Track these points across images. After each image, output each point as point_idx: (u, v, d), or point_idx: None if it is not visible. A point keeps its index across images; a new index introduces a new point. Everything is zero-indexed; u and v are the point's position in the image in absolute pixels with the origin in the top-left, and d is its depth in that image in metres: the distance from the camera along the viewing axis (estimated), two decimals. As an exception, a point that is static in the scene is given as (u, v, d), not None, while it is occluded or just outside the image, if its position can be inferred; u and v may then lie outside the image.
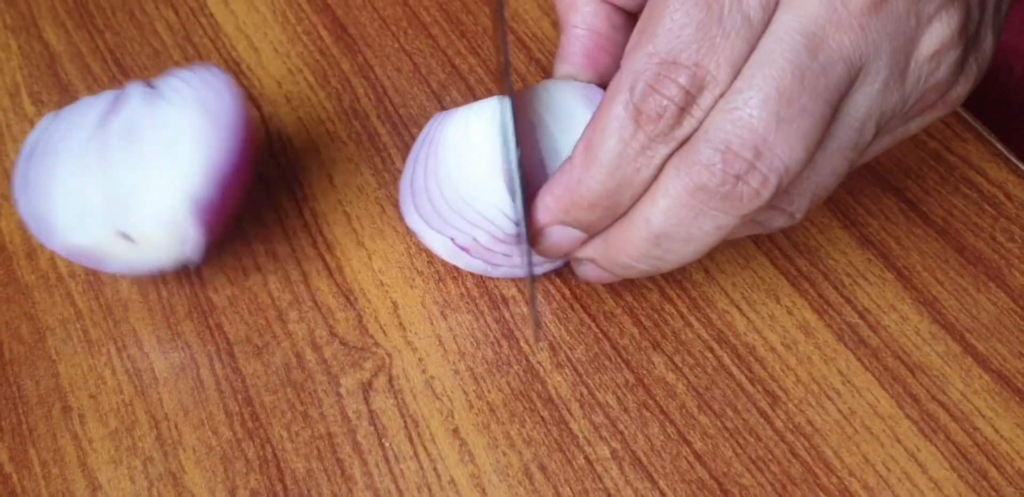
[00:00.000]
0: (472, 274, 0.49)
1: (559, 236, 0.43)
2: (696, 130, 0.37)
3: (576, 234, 0.42)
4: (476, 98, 0.56)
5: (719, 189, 0.36)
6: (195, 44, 0.60)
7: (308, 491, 0.44)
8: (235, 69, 0.58)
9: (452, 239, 0.46)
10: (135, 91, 0.47)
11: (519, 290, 0.49)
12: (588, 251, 0.43)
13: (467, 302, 0.49)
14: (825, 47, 0.36)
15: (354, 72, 0.58)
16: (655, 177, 0.38)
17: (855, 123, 0.37)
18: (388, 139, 0.55)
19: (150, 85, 0.47)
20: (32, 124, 0.57)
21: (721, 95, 0.36)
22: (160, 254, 0.46)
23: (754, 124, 0.35)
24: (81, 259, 0.47)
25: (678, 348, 0.47)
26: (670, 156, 0.38)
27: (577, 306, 0.48)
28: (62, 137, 0.47)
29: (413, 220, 0.47)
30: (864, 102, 0.37)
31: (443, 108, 0.56)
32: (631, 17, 0.45)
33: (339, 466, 0.45)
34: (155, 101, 0.46)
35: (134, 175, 0.45)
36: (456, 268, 0.49)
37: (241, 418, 0.46)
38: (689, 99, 0.36)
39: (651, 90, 0.36)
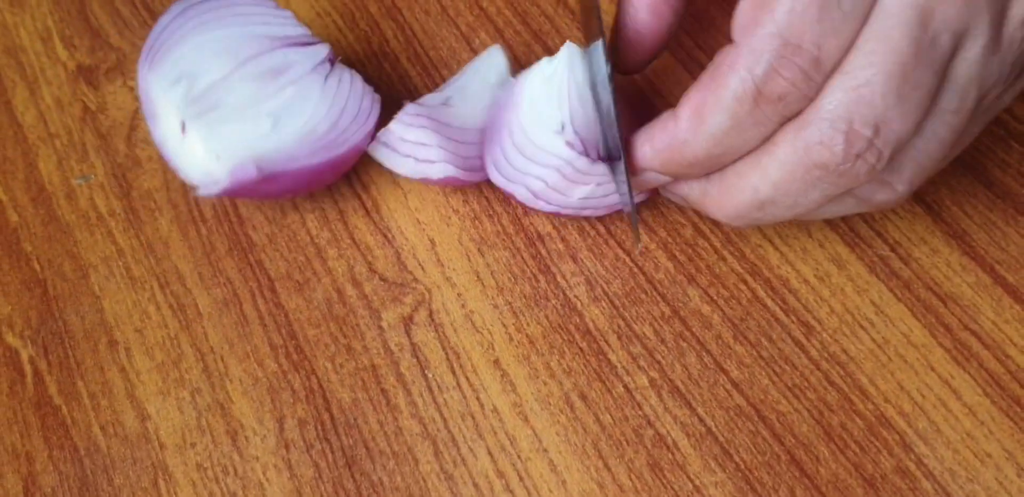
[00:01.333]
0: (507, 211, 0.50)
1: (653, 178, 0.43)
2: (808, 106, 0.37)
3: (668, 180, 0.43)
4: (505, 40, 0.57)
5: (838, 167, 0.37)
6: (224, -12, 0.60)
7: (355, 420, 0.45)
8: (264, 13, 0.59)
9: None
10: (320, 52, 0.48)
11: (554, 227, 0.50)
12: (679, 200, 0.44)
13: (503, 239, 0.50)
14: (934, 19, 0.36)
15: (382, 14, 0.59)
16: (761, 143, 0.39)
17: (957, 88, 0.37)
18: (419, 81, 0.56)
19: (331, 61, 0.48)
20: (65, 69, 0.57)
21: (835, 70, 0.37)
22: (188, 165, 0.46)
23: (876, 101, 0.36)
24: (146, 104, 0.47)
25: (713, 281, 0.48)
26: (777, 128, 0.38)
27: (612, 242, 0.49)
28: (231, 17, 0.47)
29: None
30: (965, 68, 0.37)
31: (472, 50, 0.56)
32: None
33: (384, 396, 0.45)
34: (320, 76, 0.47)
35: (242, 99, 0.46)
36: (490, 205, 0.50)
37: (286, 351, 0.47)
38: (809, 81, 0.37)
39: (775, 73, 0.37)
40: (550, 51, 0.55)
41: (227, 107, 0.45)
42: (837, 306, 0.47)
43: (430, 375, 0.46)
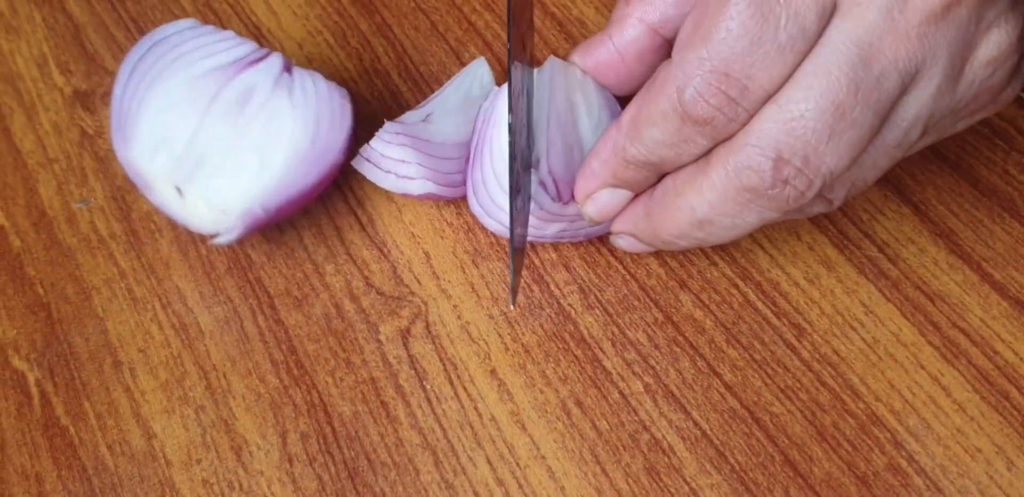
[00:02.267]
0: (500, 223, 0.51)
1: (607, 199, 0.44)
2: (740, 130, 0.38)
3: (623, 194, 0.44)
4: (494, 53, 0.57)
5: (767, 191, 0.38)
6: (215, 10, 0.61)
7: (356, 432, 0.46)
8: (256, 33, 0.60)
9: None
10: (274, 64, 0.48)
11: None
12: (629, 226, 0.44)
13: (497, 250, 0.50)
14: (880, 58, 0.36)
15: (373, 32, 0.59)
16: (696, 159, 0.40)
17: (903, 124, 0.38)
18: (410, 96, 0.56)
19: (288, 68, 0.48)
20: (62, 94, 0.58)
21: (767, 100, 0.37)
22: (198, 222, 0.47)
23: (808, 136, 0.36)
24: (135, 178, 0.48)
25: (704, 286, 0.48)
26: (712, 146, 0.39)
27: (604, 250, 0.50)
28: (175, 62, 0.47)
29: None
30: (914, 105, 0.38)
31: (462, 64, 0.57)
32: (668, 44, 0.45)
33: (384, 408, 0.46)
34: (284, 90, 0.47)
35: (223, 144, 0.46)
36: (485, 217, 0.51)
37: (287, 366, 0.48)
38: (736, 108, 0.37)
39: (699, 97, 0.37)
40: (539, 63, 0.56)
41: (212, 158, 0.46)
42: (827, 307, 0.47)
43: (428, 386, 0.47)
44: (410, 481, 0.44)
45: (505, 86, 0.48)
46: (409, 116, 0.49)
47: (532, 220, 0.46)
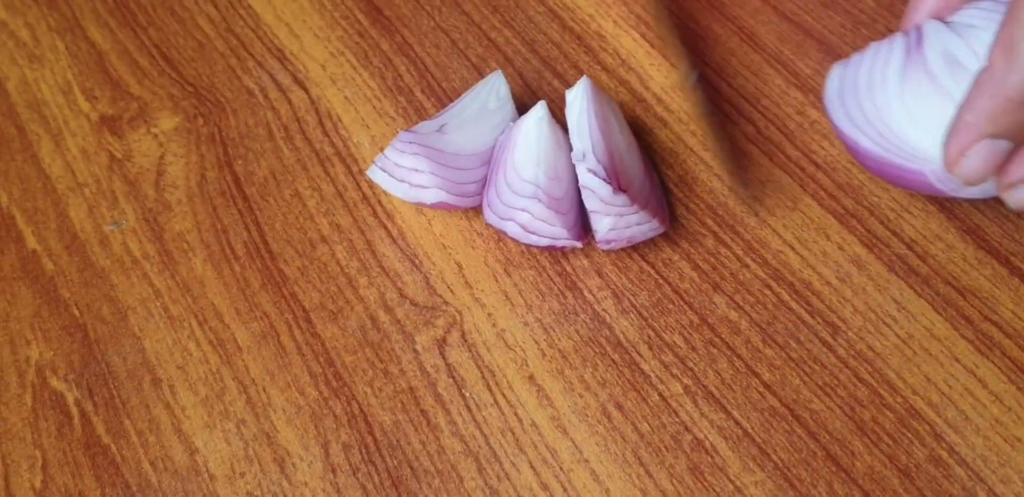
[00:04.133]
0: (530, 232, 0.51)
1: (984, 152, 0.41)
2: None
3: (1003, 146, 0.41)
4: (515, 68, 0.58)
5: None
6: (237, 34, 0.62)
7: (397, 441, 0.46)
8: (279, 55, 0.61)
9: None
10: (934, 26, 0.47)
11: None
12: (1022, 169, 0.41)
13: (528, 258, 0.51)
14: None
15: (394, 51, 0.60)
16: None
17: None
18: (434, 111, 0.57)
19: (944, 21, 0.47)
20: (88, 120, 0.59)
21: None
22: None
23: None
24: (946, 182, 0.46)
25: (737, 288, 0.49)
26: None
27: (635, 255, 0.50)
28: (875, 74, 0.48)
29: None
30: None
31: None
32: None
33: (424, 417, 0.47)
34: (964, 30, 0.46)
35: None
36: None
37: (325, 378, 0.48)
38: None
39: None
40: (560, 76, 0.57)
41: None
42: (860, 305, 0.48)
43: (467, 394, 0.47)
44: (454, 488, 0.45)
45: (520, 119, 0.50)
46: (424, 126, 0.50)
47: (543, 211, 0.47)
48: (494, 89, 0.52)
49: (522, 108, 0.53)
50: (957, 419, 0.44)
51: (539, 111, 0.48)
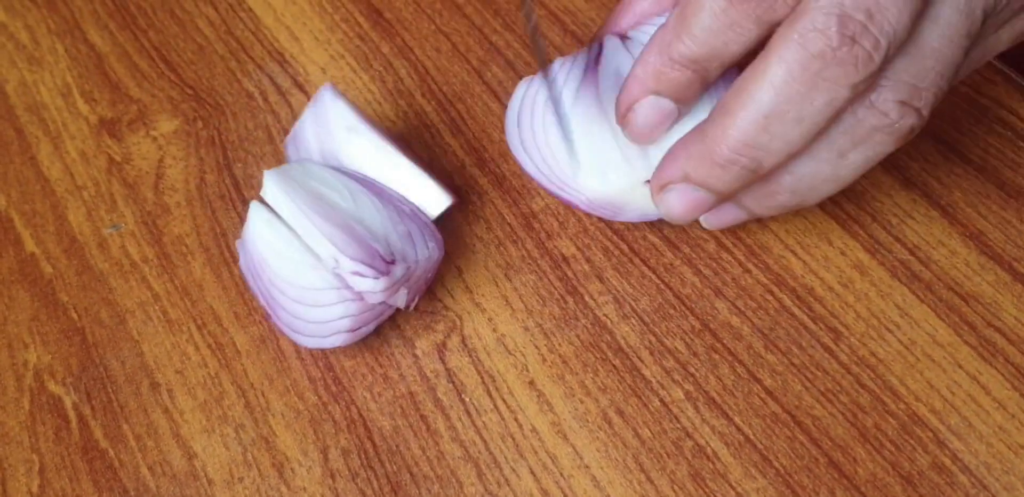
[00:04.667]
0: (531, 237, 0.51)
1: (648, 109, 0.43)
2: (790, 9, 0.38)
3: (666, 105, 0.43)
4: (516, 72, 0.58)
5: (835, 53, 0.36)
6: (237, 37, 0.62)
7: (397, 446, 0.46)
8: (279, 59, 0.60)
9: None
10: (612, 43, 0.48)
11: (578, 249, 0.51)
12: (680, 161, 0.42)
13: (528, 263, 0.51)
14: None
15: (394, 54, 0.60)
16: (743, 52, 0.40)
17: (961, 5, 0.38)
18: (435, 116, 0.57)
19: (623, 37, 0.48)
20: (88, 123, 0.59)
21: None
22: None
23: None
24: (597, 209, 0.49)
25: (739, 293, 0.49)
26: (760, 37, 0.39)
27: (637, 260, 0.50)
28: (547, 97, 0.48)
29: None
30: None
31: (485, 83, 0.58)
32: None
33: (423, 422, 0.46)
34: (638, 48, 0.47)
35: None
36: (514, 231, 0.51)
37: (324, 383, 0.48)
38: None
39: None
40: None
41: None
42: (862, 311, 0.47)
43: (467, 399, 0.47)
44: (454, 493, 0.44)
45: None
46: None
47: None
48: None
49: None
50: (960, 426, 0.44)
51: (260, 213, 0.47)
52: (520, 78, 0.55)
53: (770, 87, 0.38)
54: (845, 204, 0.51)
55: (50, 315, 0.51)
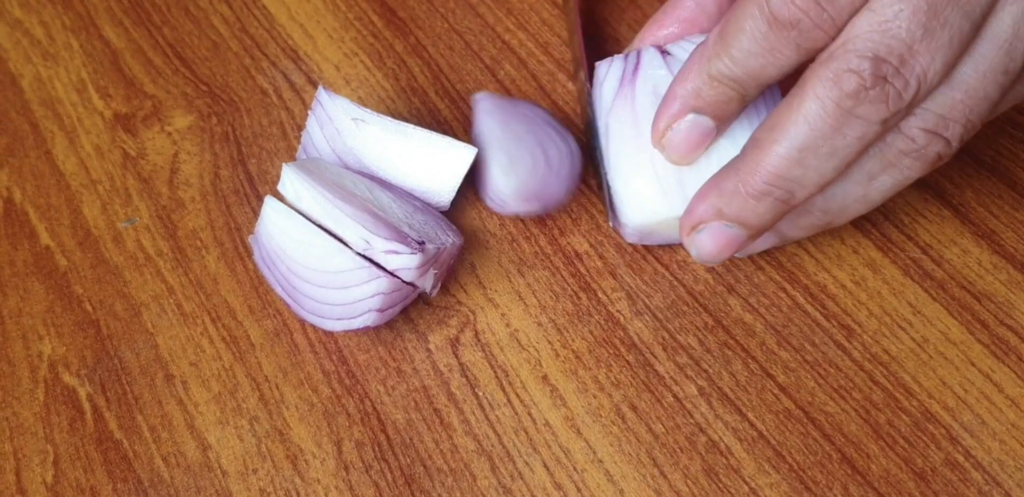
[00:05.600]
0: (544, 233, 0.51)
1: (687, 127, 0.44)
2: (830, 42, 0.38)
3: (705, 124, 0.43)
4: (529, 70, 0.58)
5: (868, 93, 0.37)
6: (251, 35, 0.62)
7: (410, 439, 0.46)
8: (293, 56, 0.61)
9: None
10: (650, 57, 0.48)
11: (591, 245, 0.51)
12: (712, 198, 0.42)
13: (542, 259, 0.51)
14: None
15: (408, 53, 0.60)
16: (782, 76, 0.40)
17: (1002, 43, 0.38)
18: (448, 113, 0.57)
19: (664, 51, 0.48)
20: (103, 118, 0.59)
21: (852, 11, 0.38)
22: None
23: (903, 35, 0.37)
24: (633, 237, 0.50)
25: (752, 290, 0.49)
26: (798, 62, 0.40)
27: (650, 257, 0.50)
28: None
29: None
30: (1010, 21, 0.38)
31: (498, 81, 0.58)
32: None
33: (437, 415, 0.46)
34: (677, 65, 0.47)
35: None
36: (527, 227, 0.51)
37: (338, 376, 0.48)
38: (822, 13, 0.38)
39: (788, 1, 0.38)
40: (574, 80, 0.57)
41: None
42: (875, 309, 0.48)
43: (481, 393, 0.47)
44: (467, 486, 0.45)
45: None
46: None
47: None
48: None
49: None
50: (973, 423, 0.44)
51: (275, 206, 0.47)
52: (532, 77, 0.55)
53: (804, 122, 0.39)
54: (858, 203, 0.51)
55: (65, 307, 0.51)
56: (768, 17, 0.39)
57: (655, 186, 0.46)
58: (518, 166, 0.48)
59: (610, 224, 0.50)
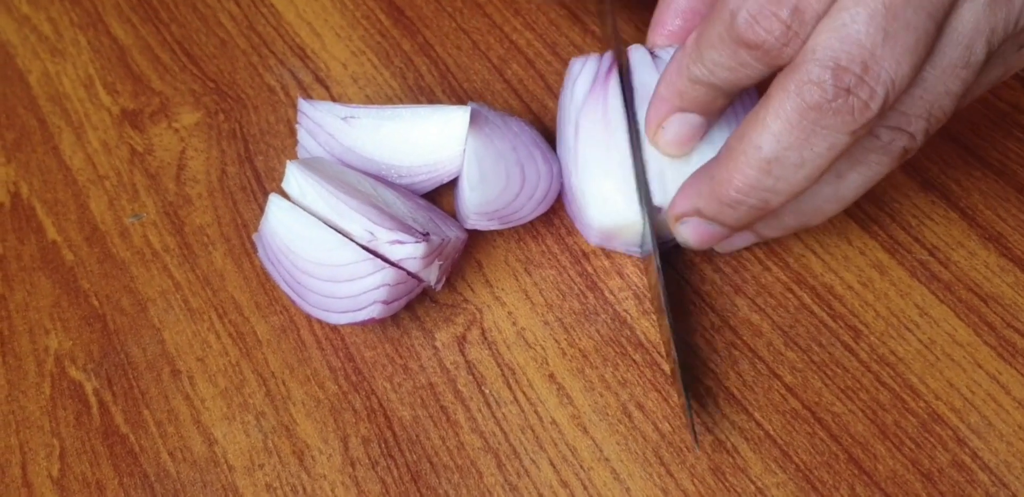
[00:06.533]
0: (551, 232, 0.51)
1: (677, 125, 0.44)
2: (797, 53, 0.38)
3: (693, 120, 0.44)
4: (536, 70, 0.58)
5: (830, 104, 0.37)
6: (259, 32, 0.62)
7: (417, 436, 0.46)
8: (300, 54, 0.61)
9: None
10: (638, 55, 0.49)
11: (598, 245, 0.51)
12: (692, 198, 0.43)
13: (549, 258, 0.51)
14: None
15: (415, 51, 0.60)
16: (755, 83, 0.40)
17: (963, 39, 0.38)
18: (456, 112, 0.57)
19: (653, 53, 0.49)
20: (110, 114, 0.59)
21: (819, 18, 0.37)
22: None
23: (862, 39, 0.36)
24: (596, 239, 0.50)
25: (759, 291, 0.49)
26: (766, 75, 0.40)
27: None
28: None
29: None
30: (971, 17, 0.37)
31: (505, 81, 0.58)
32: None
33: (443, 412, 0.46)
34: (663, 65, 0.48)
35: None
36: (534, 226, 0.51)
37: (345, 373, 0.48)
38: (787, 32, 0.38)
39: (753, 21, 0.38)
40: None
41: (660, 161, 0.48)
42: (882, 310, 0.48)
43: (487, 391, 0.47)
44: (474, 483, 0.45)
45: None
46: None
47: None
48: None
49: (542, 111, 0.53)
50: (980, 424, 0.44)
51: (279, 203, 0.48)
52: (540, 77, 0.55)
53: (770, 135, 0.38)
54: (865, 205, 0.51)
55: (71, 302, 0.51)
56: (735, 37, 0.39)
57: (624, 188, 0.46)
58: (488, 185, 0.48)
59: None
